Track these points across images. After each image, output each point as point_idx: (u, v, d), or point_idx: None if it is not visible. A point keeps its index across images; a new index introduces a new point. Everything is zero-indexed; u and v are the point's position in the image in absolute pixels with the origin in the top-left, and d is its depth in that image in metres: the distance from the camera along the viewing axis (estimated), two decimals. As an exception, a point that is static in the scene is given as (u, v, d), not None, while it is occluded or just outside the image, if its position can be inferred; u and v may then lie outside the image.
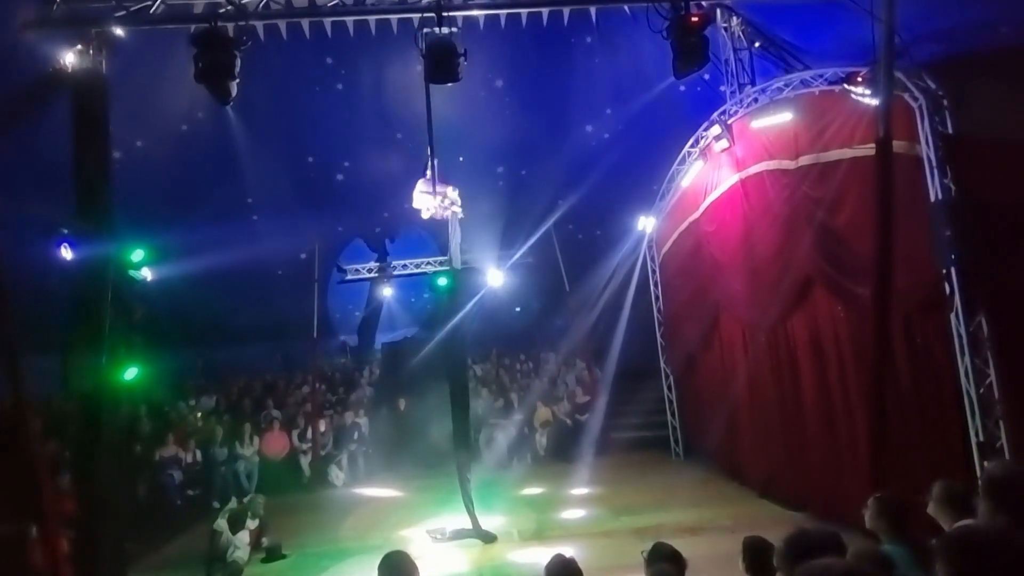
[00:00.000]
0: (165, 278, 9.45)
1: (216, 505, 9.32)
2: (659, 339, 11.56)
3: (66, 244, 6.89)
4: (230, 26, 6.34)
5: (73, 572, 5.99)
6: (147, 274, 8.74)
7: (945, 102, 5.67)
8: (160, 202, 10.90)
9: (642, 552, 3.27)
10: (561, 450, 11.62)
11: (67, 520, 6.45)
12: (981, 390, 5.41)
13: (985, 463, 5.11)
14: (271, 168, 12.46)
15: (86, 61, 6.86)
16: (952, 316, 5.58)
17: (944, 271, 5.56)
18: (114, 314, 7.01)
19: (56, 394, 9.85)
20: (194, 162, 11.73)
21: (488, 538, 7.28)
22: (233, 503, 8.03)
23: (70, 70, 6.86)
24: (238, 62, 5.86)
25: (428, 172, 7.19)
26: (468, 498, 7.45)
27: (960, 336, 5.52)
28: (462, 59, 5.76)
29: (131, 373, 7.56)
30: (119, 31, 6.88)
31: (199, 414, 11.77)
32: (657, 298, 11.54)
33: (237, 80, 5.91)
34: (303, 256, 14.05)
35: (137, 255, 8.48)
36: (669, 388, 11.40)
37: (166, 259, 9.54)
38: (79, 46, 6.83)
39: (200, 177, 12.05)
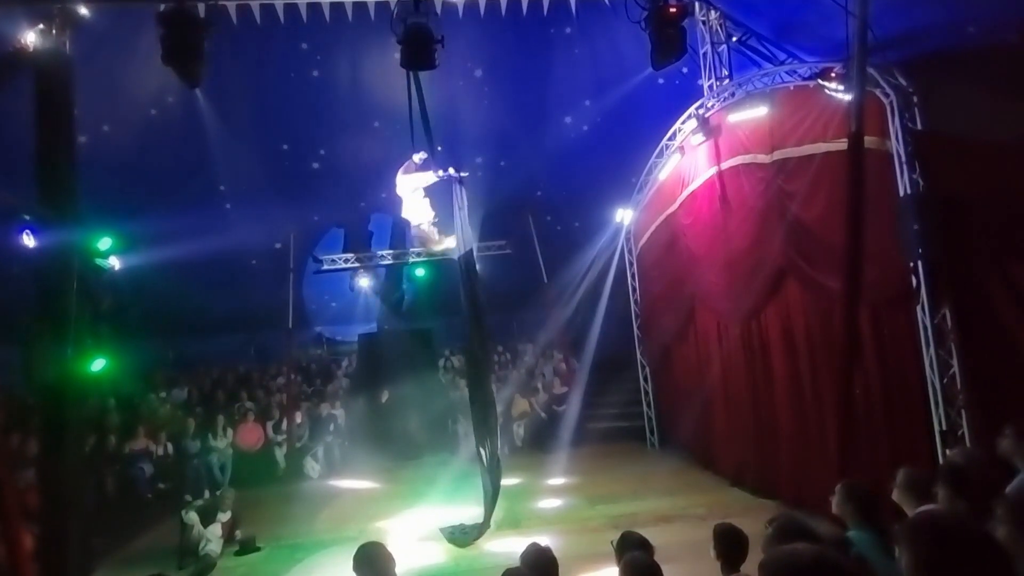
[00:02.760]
0: (134, 267, 9.21)
1: (188, 498, 9.16)
2: (636, 331, 11.67)
3: (28, 231, 6.68)
4: (200, 6, 6.16)
5: (37, 569, 5.85)
6: (115, 263, 8.51)
7: (915, 99, 5.79)
8: (128, 189, 10.57)
9: (611, 542, 3.31)
10: (538, 441, 11.68)
11: (30, 515, 6.28)
12: (944, 380, 5.57)
13: (947, 451, 5.28)
14: (245, 155, 12.17)
15: (49, 41, 6.61)
16: (918, 308, 5.72)
17: (911, 264, 5.70)
18: (80, 304, 6.82)
19: (19, 386, 9.58)
20: (164, 148, 11.40)
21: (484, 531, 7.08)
22: (206, 496, 7.92)
23: (32, 50, 6.61)
24: (207, 44, 5.70)
25: (416, 157, 7.33)
26: (488, 489, 7.18)
27: (925, 328, 5.67)
28: (439, 46, 5.70)
29: (98, 364, 7.38)
30: (83, 9, 6.64)
31: (168, 406, 11.55)
32: (634, 290, 11.63)
33: (206, 62, 5.74)
34: (278, 246, 13.81)
35: (104, 243, 8.25)
36: (645, 379, 11.52)
37: (135, 247, 9.30)
38: (41, 25, 6.58)
39: (170, 163, 11.71)
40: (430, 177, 7.56)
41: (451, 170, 7.51)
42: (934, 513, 2.15)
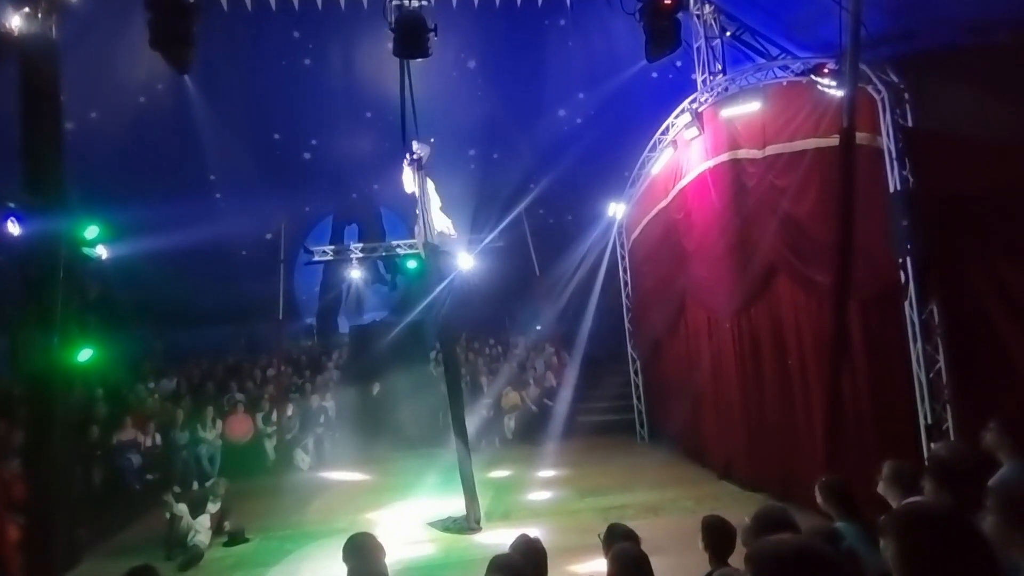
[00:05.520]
0: (122, 256, 9.11)
1: (177, 489, 9.13)
2: (627, 325, 11.70)
3: (13, 219, 6.59)
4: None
5: (23, 559, 5.81)
6: (102, 252, 8.41)
7: (906, 96, 5.81)
8: (117, 177, 10.47)
9: (598, 535, 3.33)
10: (528, 433, 11.72)
11: (16, 506, 6.24)
12: (931, 375, 5.62)
13: (932, 444, 5.34)
14: (235, 144, 12.08)
15: (35, 25, 6.49)
16: (906, 304, 5.77)
17: (900, 260, 5.74)
18: (66, 293, 6.75)
19: (4, 375, 9.49)
20: (153, 136, 11.29)
21: (474, 527, 7.08)
22: (194, 487, 7.89)
23: (17, 34, 6.49)
24: (196, 29, 5.61)
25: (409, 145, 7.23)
26: (470, 484, 7.17)
27: (913, 323, 5.72)
28: (432, 34, 5.65)
29: (85, 354, 7.30)
30: (69, -7, 6.52)
31: (157, 396, 11.47)
32: (626, 284, 11.66)
33: (195, 47, 5.66)
34: (269, 236, 13.73)
35: (91, 232, 8.15)
36: (636, 373, 11.57)
37: (123, 237, 9.20)
38: (26, 8, 6.46)
39: (160, 152, 11.62)
40: (410, 173, 7.42)
41: (413, 154, 7.34)
42: (918, 504, 2.18)
